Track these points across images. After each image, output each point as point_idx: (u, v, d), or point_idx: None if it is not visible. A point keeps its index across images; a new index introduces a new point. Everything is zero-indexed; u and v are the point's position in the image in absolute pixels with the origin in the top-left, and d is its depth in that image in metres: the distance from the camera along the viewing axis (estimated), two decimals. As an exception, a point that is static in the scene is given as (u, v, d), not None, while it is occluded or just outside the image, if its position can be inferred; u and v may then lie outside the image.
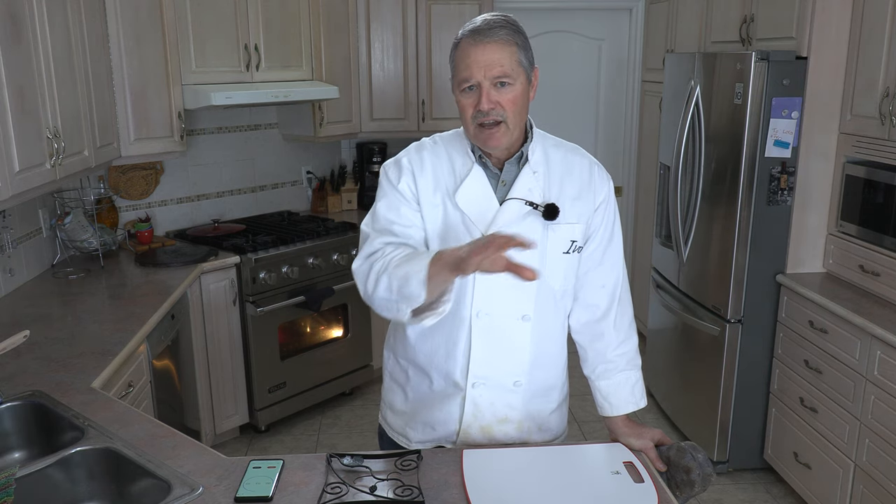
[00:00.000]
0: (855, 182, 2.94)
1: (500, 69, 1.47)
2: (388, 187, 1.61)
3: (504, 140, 1.53)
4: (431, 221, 1.59)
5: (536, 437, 1.73)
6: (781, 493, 3.20)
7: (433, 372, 1.67)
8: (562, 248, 1.60)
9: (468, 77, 1.48)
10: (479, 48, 1.47)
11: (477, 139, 1.54)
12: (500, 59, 1.47)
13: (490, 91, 1.48)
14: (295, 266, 3.62)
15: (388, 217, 1.58)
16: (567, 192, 1.60)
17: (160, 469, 1.56)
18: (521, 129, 1.58)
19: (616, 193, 1.72)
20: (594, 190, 1.63)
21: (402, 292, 1.41)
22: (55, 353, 2.26)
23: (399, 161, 1.63)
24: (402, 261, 1.44)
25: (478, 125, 1.51)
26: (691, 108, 3.39)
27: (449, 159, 1.61)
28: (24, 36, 2.34)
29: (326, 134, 4.10)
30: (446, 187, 1.58)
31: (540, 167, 1.59)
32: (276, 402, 3.69)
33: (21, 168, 2.30)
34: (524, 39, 1.53)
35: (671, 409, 3.82)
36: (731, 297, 3.18)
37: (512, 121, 1.51)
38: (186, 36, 3.39)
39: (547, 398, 1.74)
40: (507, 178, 1.59)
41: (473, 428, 1.67)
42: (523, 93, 1.53)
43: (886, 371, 2.50)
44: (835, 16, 2.92)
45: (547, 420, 1.75)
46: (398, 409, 1.77)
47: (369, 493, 1.44)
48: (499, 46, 1.47)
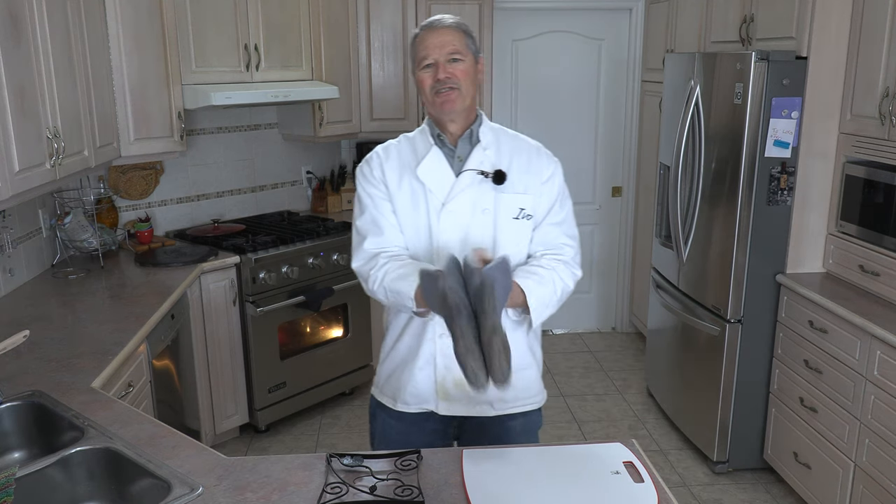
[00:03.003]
0: (855, 182, 2.95)
1: (452, 47, 1.79)
2: (363, 182, 1.88)
3: (458, 104, 1.79)
4: (400, 200, 1.84)
5: (509, 393, 1.83)
6: (781, 493, 3.20)
7: (408, 329, 1.88)
8: (511, 214, 1.82)
9: (426, 56, 1.79)
10: (434, 33, 1.80)
11: (434, 106, 1.81)
12: (451, 40, 1.79)
13: (444, 65, 1.78)
14: (295, 266, 3.62)
15: (373, 215, 1.85)
16: (516, 166, 1.84)
17: (160, 469, 1.56)
18: (473, 102, 1.84)
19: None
20: (541, 167, 1.87)
21: (398, 304, 1.77)
22: (55, 353, 2.26)
23: (368, 158, 1.91)
24: (395, 279, 1.73)
25: (435, 93, 1.79)
26: (691, 108, 3.39)
27: (412, 147, 1.89)
28: (24, 36, 2.34)
29: (326, 134, 4.10)
30: (410, 168, 1.85)
31: (491, 146, 1.85)
32: (276, 402, 3.69)
33: (21, 168, 2.30)
34: (470, 32, 1.85)
35: (671, 409, 3.82)
36: (731, 297, 3.18)
37: (465, 89, 1.79)
38: (186, 36, 3.39)
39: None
40: (462, 153, 1.85)
41: (448, 381, 1.84)
42: (472, 68, 1.82)
43: (886, 371, 2.50)
44: (835, 16, 2.92)
45: (518, 377, 1.82)
46: (384, 370, 1.96)
47: (369, 493, 1.44)
48: (450, 31, 1.81)
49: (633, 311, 5.06)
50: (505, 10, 4.60)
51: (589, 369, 4.50)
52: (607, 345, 4.96)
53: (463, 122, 1.84)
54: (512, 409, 1.90)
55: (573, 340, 5.02)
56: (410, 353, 1.88)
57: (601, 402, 4.06)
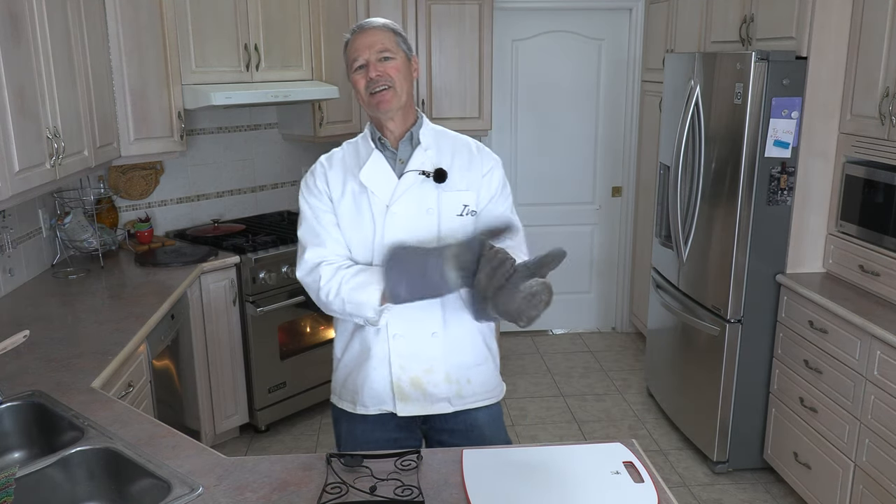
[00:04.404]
0: (855, 182, 2.95)
1: (381, 45, 1.79)
2: (305, 193, 1.89)
3: (393, 102, 1.79)
4: (344, 205, 1.84)
5: (467, 389, 1.89)
6: (781, 493, 3.20)
7: (358, 332, 1.90)
8: (455, 211, 1.84)
9: (357, 57, 1.80)
10: (363, 35, 1.81)
11: (370, 106, 1.81)
12: (380, 39, 1.80)
13: (376, 64, 1.78)
14: (295, 266, 3.62)
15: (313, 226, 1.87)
16: (457, 164, 1.86)
17: (160, 469, 1.56)
18: (409, 100, 1.85)
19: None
20: (480, 162, 1.88)
21: (355, 314, 1.76)
22: (55, 353, 2.26)
23: (312, 169, 1.92)
24: (353, 290, 1.74)
25: (370, 94, 1.79)
26: (691, 108, 3.39)
27: (355, 152, 1.89)
28: (24, 36, 2.34)
29: (326, 134, 4.10)
30: (353, 173, 1.85)
31: (431, 147, 1.87)
32: (276, 402, 3.69)
33: (21, 168, 2.30)
34: (400, 31, 1.86)
35: (671, 409, 3.82)
36: (731, 297, 3.18)
37: (399, 86, 1.79)
38: (186, 36, 3.39)
39: (466, 352, 1.90)
40: (403, 156, 1.86)
41: (404, 381, 1.86)
42: (405, 65, 1.82)
43: (886, 371, 2.50)
44: (835, 16, 2.92)
45: (475, 373, 1.91)
46: (339, 376, 1.97)
47: (369, 494, 1.44)
48: (378, 31, 1.82)
49: (633, 311, 5.06)
50: (505, 10, 4.60)
51: (589, 369, 4.50)
52: (607, 345, 4.96)
53: (401, 121, 1.85)
54: (470, 405, 1.92)
55: (573, 340, 5.02)
56: (363, 354, 1.88)
57: (601, 402, 4.06)
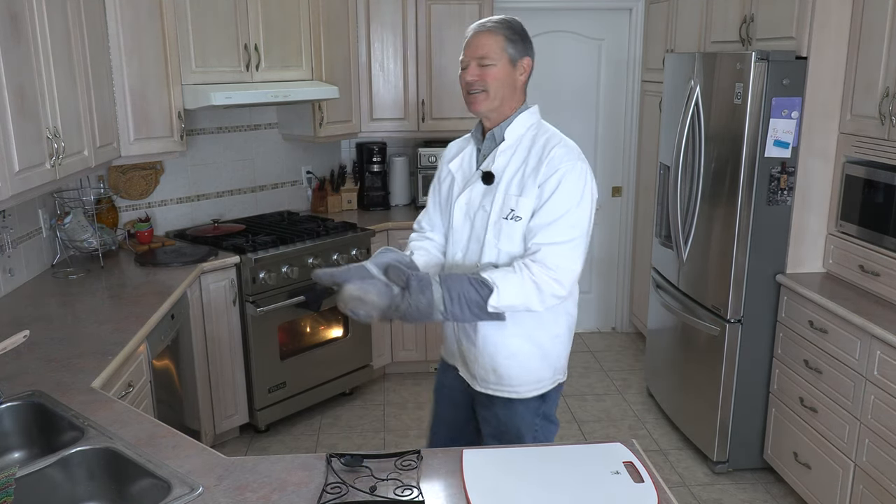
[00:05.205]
0: (855, 182, 2.95)
1: (483, 52, 1.88)
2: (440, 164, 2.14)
3: (484, 105, 1.91)
4: (445, 185, 2.09)
5: (492, 378, 1.99)
6: (781, 493, 3.20)
7: None
8: (502, 214, 1.90)
9: (462, 58, 1.93)
10: (473, 38, 1.91)
11: (467, 104, 1.95)
12: (484, 44, 1.88)
13: (474, 68, 1.89)
14: (295, 266, 3.62)
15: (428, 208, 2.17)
16: (528, 167, 1.89)
17: (160, 469, 1.56)
18: (504, 104, 1.92)
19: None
20: (543, 171, 1.87)
21: None
22: (55, 353, 2.26)
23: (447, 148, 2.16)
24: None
25: (466, 93, 1.93)
26: (691, 108, 3.39)
27: (465, 140, 2.09)
28: (24, 36, 2.34)
29: (326, 134, 4.10)
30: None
31: (511, 146, 1.94)
32: (276, 402, 3.69)
33: (21, 168, 2.30)
34: (515, 34, 1.90)
35: (671, 409, 3.82)
36: (731, 297, 3.18)
37: (493, 91, 1.89)
38: (186, 36, 3.39)
39: (497, 342, 1.97)
40: (486, 151, 2.00)
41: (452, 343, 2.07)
42: (504, 71, 1.89)
43: (886, 371, 2.50)
44: (835, 16, 2.92)
45: (503, 364, 1.97)
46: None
47: (369, 494, 1.44)
48: (487, 36, 1.89)
49: (633, 311, 5.06)
50: (505, 11, 4.58)
51: (589, 369, 4.50)
52: (607, 345, 4.96)
53: (496, 119, 1.96)
54: (492, 392, 2.01)
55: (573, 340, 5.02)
56: None
57: (601, 402, 4.06)
